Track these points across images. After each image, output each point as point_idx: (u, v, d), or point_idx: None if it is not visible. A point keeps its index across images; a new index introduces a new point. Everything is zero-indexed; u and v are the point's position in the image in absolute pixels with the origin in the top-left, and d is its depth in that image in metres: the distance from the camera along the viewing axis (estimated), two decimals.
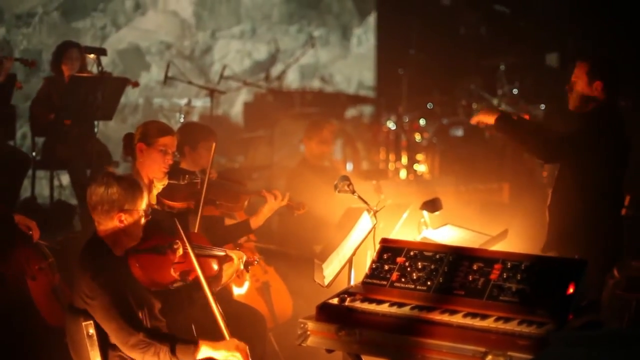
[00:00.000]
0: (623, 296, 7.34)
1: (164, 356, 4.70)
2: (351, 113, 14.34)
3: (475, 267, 4.56)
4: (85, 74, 8.67)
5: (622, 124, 6.18)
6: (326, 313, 4.57)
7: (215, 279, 5.29)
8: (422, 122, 12.58)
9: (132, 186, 4.90)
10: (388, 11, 14.71)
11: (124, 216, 4.85)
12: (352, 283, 5.11)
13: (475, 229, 5.88)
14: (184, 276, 5.10)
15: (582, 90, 6.08)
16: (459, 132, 12.54)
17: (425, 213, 6.05)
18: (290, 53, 13.56)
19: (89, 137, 8.79)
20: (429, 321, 4.37)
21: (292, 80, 13.67)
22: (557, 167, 6.30)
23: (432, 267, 4.64)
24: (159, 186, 5.70)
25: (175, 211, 5.88)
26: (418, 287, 4.59)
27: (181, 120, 10.11)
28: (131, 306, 4.77)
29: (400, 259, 4.73)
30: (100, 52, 8.43)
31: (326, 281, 5.16)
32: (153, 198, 5.64)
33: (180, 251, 5.06)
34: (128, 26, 11.79)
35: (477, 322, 4.28)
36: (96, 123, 8.95)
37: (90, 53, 8.60)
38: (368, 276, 4.75)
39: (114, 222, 4.85)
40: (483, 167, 11.64)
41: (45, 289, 6.33)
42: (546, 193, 6.35)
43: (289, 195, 6.44)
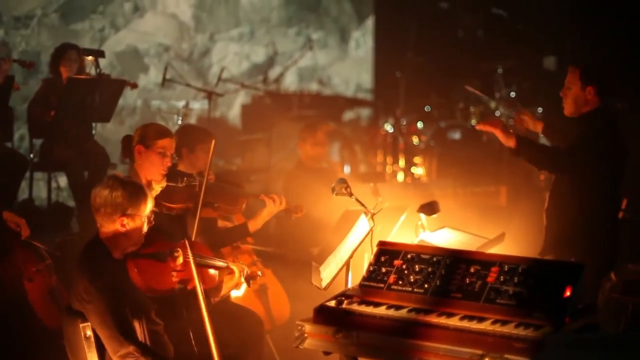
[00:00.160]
0: (620, 299, 7.33)
1: None
2: (349, 116, 14.35)
3: (472, 270, 4.56)
4: (83, 76, 8.67)
5: (618, 127, 6.20)
6: (323, 315, 4.58)
7: (214, 290, 5.28)
8: (420, 125, 12.60)
9: (137, 191, 4.91)
10: (386, 14, 14.72)
11: (126, 220, 4.86)
12: (350, 285, 5.10)
13: (472, 232, 5.88)
14: (183, 284, 5.11)
15: (576, 95, 6.11)
16: (457, 135, 12.56)
17: (422, 216, 6.04)
18: (288, 56, 13.57)
19: (87, 139, 8.79)
20: (426, 324, 4.37)
21: (290, 82, 13.68)
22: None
23: (430, 270, 4.64)
24: (157, 188, 5.70)
25: (173, 213, 5.89)
26: (415, 290, 4.59)
27: (179, 122, 10.11)
28: (126, 315, 4.76)
29: (397, 262, 4.73)
30: (98, 54, 8.44)
31: (323, 284, 5.16)
32: (151, 200, 5.64)
33: (180, 259, 5.06)
34: (126, 28, 11.79)
35: (474, 325, 4.29)
36: (94, 125, 8.95)
37: (88, 55, 8.61)
38: (365, 279, 4.75)
39: (116, 226, 4.86)
40: (480, 170, 11.65)
41: (42, 291, 6.33)
42: (543, 196, 6.36)
43: (287, 198, 6.45)
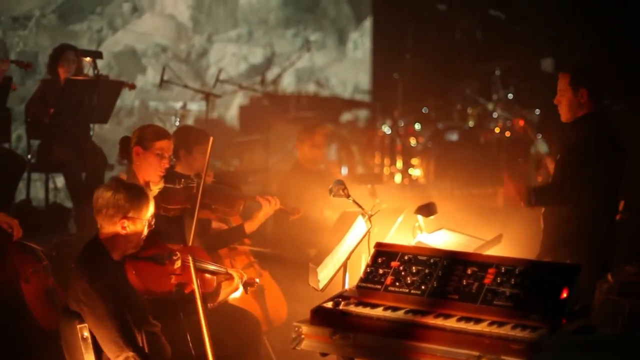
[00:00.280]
0: (616, 301, 7.35)
1: None
2: (346, 117, 14.35)
3: (469, 272, 4.57)
4: (81, 77, 8.68)
5: (614, 130, 6.20)
6: (320, 317, 4.58)
7: (212, 295, 5.29)
8: (418, 127, 12.60)
9: (139, 195, 4.93)
10: (384, 16, 14.72)
11: (127, 223, 4.87)
12: (347, 287, 5.11)
13: (469, 234, 5.89)
14: (181, 288, 5.13)
15: (570, 100, 6.11)
16: (454, 137, 12.56)
17: (420, 217, 6.05)
18: (286, 57, 13.57)
19: (85, 140, 8.79)
20: (423, 325, 4.38)
21: (288, 84, 13.68)
22: (551, 175, 6.31)
23: (427, 272, 4.65)
24: (155, 190, 5.70)
25: (171, 215, 5.89)
26: (412, 291, 4.60)
27: (177, 123, 10.11)
28: (127, 319, 4.76)
29: (394, 263, 4.74)
30: (96, 55, 8.45)
31: (321, 285, 5.16)
32: (153, 204, 5.64)
33: (178, 263, 5.08)
34: (124, 29, 11.79)
35: (471, 326, 4.29)
36: (92, 126, 8.95)
37: (86, 56, 8.61)
38: (362, 280, 4.76)
39: (117, 228, 4.87)
40: (478, 172, 11.65)
41: (39, 292, 6.33)
42: None
43: (281, 199, 6.45)
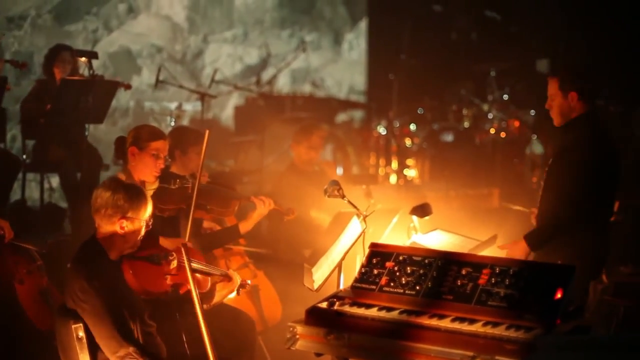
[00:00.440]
0: (611, 302, 7.37)
1: None
2: (342, 118, 14.36)
3: (464, 272, 4.58)
4: (76, 77, 8.67)
5: (607, 131, 6.20)
6: (315, 317, 4.59)
7: (206, 296, 5.29)
8: (413, 127, 12.61)
9: (138, 195, 4.95)
10: (379, 16, 14.73)
11: (126, 223, 4.89)
12: (342, 287, 5.11)
13: (464, 234, 5.90)
14: (176, 288, 5.14)
15: (561, 104, 6.11)
16: (449, 138, 12.57)
17: (414, 218, 6.06)
18: (281, 57, 13.57)
19: (80, 140, 8.78)
20: (418, 325, 4.38)
21: (283, 84, 13.68)
22: (544, 177, 6.31)
23: (421, 272, 4.65)
24: (150, 190, 5.70)
25: (166, 215, 5.89)
26: (407, 292, 4.60)
27: (172, 124, 10.11)
28: (124, 316, 4.78)
29: (389, 264, 4.75)
30: (91, 56, 8.42)
31: (315, 285, 5.17)
32: (151, 205, 5.64)
33: (174, 263, 5.09)
34: (119, 29, 11.78)
35: (466, 327, 4.30)
36: (87, 126, 8.94)
37: (81, 56, 8.59)
38: (357, 280, 4.76)
39: (115, 227, 4.88)
40: (473, 173, 11.68)
41: (33, 293, 6.33)
42: (536, 198, 6.36)
43: (276, 199, 6.46)
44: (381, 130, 12.63)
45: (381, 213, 6.31)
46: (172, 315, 5.28)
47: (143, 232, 4.99)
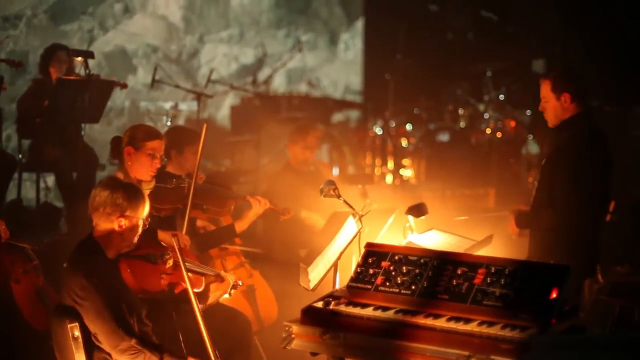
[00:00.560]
0: (607, 301, 7.37)
1: None
2: (338, 118, 14.35)
3: (459, 272, 4.58)
4: (72, 77, 8.66)
5: (600, 131, 6.20)
6: (311, 316, 4.59)
7: (201, 297, 5.31)
8: (409, 127, 12.61)
9: (137, 194, 4.99)
10: (376, 16, 14.73)
11: (124, 221, 4.91)
12: (337, 287, 5.12)
13: (460, 234, 5.90)
14: (172, 287, 5.18)
15: (554, 106, 6.12)
16: (445, 138, 12.57)
17: (410, 218, 6.06)
18: (277, 57, 13.57)
19: (76, 140, 8.78)
20: (413, 325, 4.39)
21: (279, 84, 13.67)
22: (537, 177, 6.32)
23: (417, 272, 4.66)
24: (147, 189, 5.71)
25: (162, 215, 5.90)
26: (402, 291, 4.61)
27: (168, 123, 10.10)
28: (123, 311, 4.81)
29: (385, 263, 4.75)
30: (87, 55, 8.42)
31: (311, 285, 5.17)
32: (149, 204, 5.65)
33: (170, 262, 5.12)
34: (115, 29, 11.77)
35: (461, 326, 4.31)
36: (83, 126, 8.93)
37: (77, 56, 8.59)
38: (353, 280, 4.76)
39: (113, 226, 4.90)
40: (469, 173, 11.67)
41: (29, 292, 6.33)
42: (531, 199, 6.36)
43: (271, 199, 6.46)
44: (377, 130, 12.63)
45: (377, 213, 6.30)
46: (169, 314, 5.29)
47: (140, 231, 5.01)
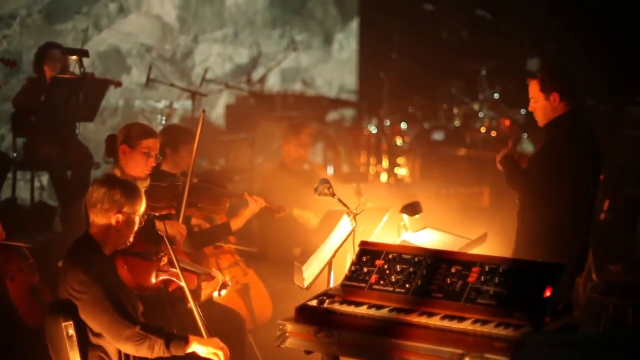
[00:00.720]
0: (601, 300, 7.39)
1: (159, 350, 4.76)
2: (332, 116, 14.35)
3: (453, 270, 4.59)
4: (67, 75, 8.65)
5: (589, 129, 6.20)
6: (305, 315, 4.59)
7: (194, 294, 5.33)
8: (403, 126, 12.61)
9: (134, 191, 5.02)
10: (371, 15, 14.73)
11: (122, 217, 4.93)
12: (332, 285, 5.13)
13: (454, 233, 5.91)
14: (166, 285, 5.25)
15: (543, 106, 6.13)
16: (440, 136, 12.58)
17: (405, 216, 6.07)
18: (272, 57, 13.56)
19: (71, 138, 8.77)
20: (407, 323, 4.40)
21: (274, 83, 13.67)
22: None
23: (411, 270, 4.66)
24: (142, 187, 5.71)
25: (157, 213, 5.90)
26: (396, 290, 4.61)
27: (163, 122, 10.10)
28: (123, 302, 4.83)
29: (379, 262, 4.75)
30: (82, 54, 8.41)
31: (305, 283, 5.18)
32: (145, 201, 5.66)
33: (165, 260, 5.18)
34: (109, 28, 11.75)
35: (455, 325, 4.31)
36: (77, 124, 8.93)
37: (72, 54, 8.58)
38: (347, 278, 4.76)
39: (110, 222, 4.92)
40: (463, 171, 11.67)
41: (23, 290, 6.33)
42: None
43: (266, 198, 6.47)
44: (372, 128, 12.64)
45: (371, 211, 6.32)
46: (164, 312, 5.31)
47: (136, 228, 5.02)
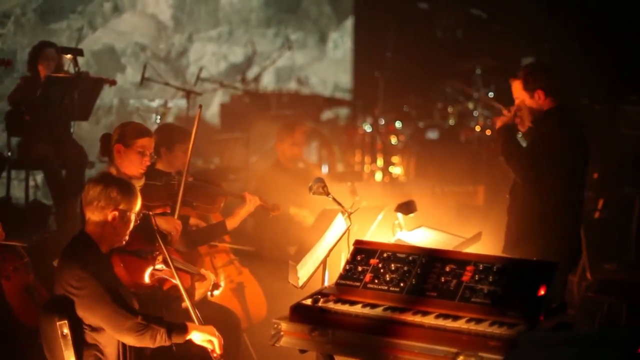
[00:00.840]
0: (595, 299, 7.41)
1: (161, 339, 4.78)
2: (327, 115, 14.35)
3: (447, 269, 4.60)
4: (62, 74, 8.64)
5: (579, 124, 6.20)
6: (300, 314, 4.60)
7: (187, 293, 5.34)
8: (398, 125, 12.62)
9: (130, 189, 5.03)
10: (365, 14, 14.73)
11: (118, 215, 4.93)
12: (326, 284, 5.13)
13: (449, 231, 5.91)
14: (161, 283, 5.29)
15: (529, 105, 6.12)
16: (435, 135, 12.59)
17: (399, 215, 6.07)
18: (266, 56, 13.56)
19: (65, 137, 8.77)
20: (402, 322, 4.40)
21: (268, 82, 13.66)
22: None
23: (405, 269, 4.67)
24: (136, 187, 5.72)
25: (152, 212, 5.90)
26: (391, 289, 4.62)
27: (157, 121, 10.10)
28: (122, 295, 4.85)
29: (373, 261, 4.76)
30: (76, 53, 8.41)
31: (300, 282, 5.18)
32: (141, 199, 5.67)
33: (160, 258, 5.21)
34: (103, 27, 11.74)
35: (449, 323, 4.32)
36: (72, 123, 8.93)
37: (66, 53, 8.57)
38: (341, 277, 4.77)
39: (106, 219, 4.93)
40: (458, 170, 11.68)
41: (19, 289, 6.34)
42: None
43: (261, 196, 6.48)
44: (367, 127, 12.64)
45: (366, 210, 6.33)
46: (159, 311, 5.31)
47: (132, 226, 5.03)
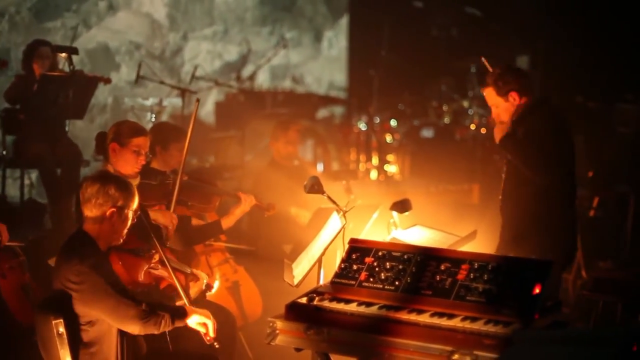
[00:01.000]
0: (590, 297, 7.41)
1: (165, 324, 4.80)
2: (322, 114, 14.35)
3: (442, 268, 4.60)
4: (56, 73, 8.64)
5: (564, 118, 6.20)
6: (295, 312, 4.60)
7: (184, 292, 5.37)
8: (393, 123, 12.62)
9: (127, 186, 5.02)
10: (360, 13, 14.74)
11: (116, 212, 4.93)
12: (321, 282, 5.14)
13: (444, 230, 5.92)
14: (157, 282, 5.33)
15: (506, 108, 6.12)
16: (430, 133, 12.59)
17: (395, 214, 6.08)
18: (261, 54, 13.56)
19: (60, 136, 8.76)
20: (397, 320, 4.41)
21: (263, 80, 13.66)
22: (504, 170, 6.31)
23: (400, 267, 4.67)
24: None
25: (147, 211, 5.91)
26: (386, 287, 4.63)
27: (152, 120, 10.09)
28: (122, 285, 4.87)
29: (368, 259, 4.77)
30: (71, 51, 8.40)
31: (295, 281, 5.19)
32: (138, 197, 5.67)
33: (156, 257, 5.25)
34: (98, 26, 11.73)
35: (444, 322, 4.32)
36: (67, 122, 8.92)
37: (61, 52, 8.56)
38: (337, 276, 4.78)
39: (104, 216, 4.92)
40: (453, 168, 11.69)
41: (15, 287, 6.34)
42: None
43: (256, 195, 6.49)
44: (361, 126, 12.65)
45: (361, 209, 6.33)
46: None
47: (129, 224, 5.03)
